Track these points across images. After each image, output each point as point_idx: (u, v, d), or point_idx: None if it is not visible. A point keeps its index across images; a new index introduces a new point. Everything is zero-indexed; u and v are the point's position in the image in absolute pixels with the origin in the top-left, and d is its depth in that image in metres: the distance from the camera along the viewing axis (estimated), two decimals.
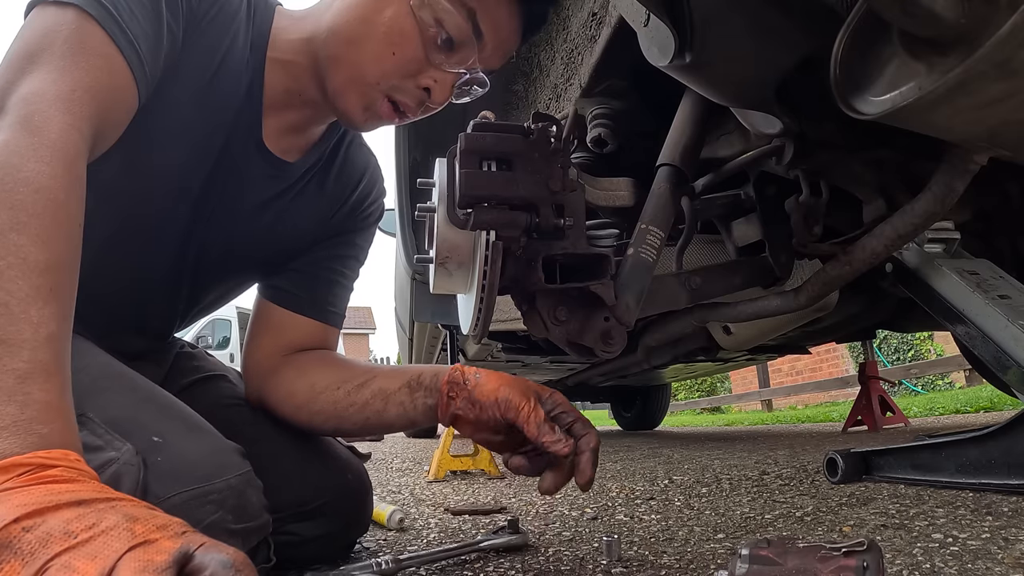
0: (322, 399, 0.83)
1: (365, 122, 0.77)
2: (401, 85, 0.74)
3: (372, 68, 0.73)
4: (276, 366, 0.88)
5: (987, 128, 0.45)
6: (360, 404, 0.81)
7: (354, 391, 0.82)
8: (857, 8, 0.45)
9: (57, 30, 0.57)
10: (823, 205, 0.80)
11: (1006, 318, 0.96)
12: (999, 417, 3.04)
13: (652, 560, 0.82)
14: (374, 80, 0.73)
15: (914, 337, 7.78)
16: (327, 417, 0.83)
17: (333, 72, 0.75)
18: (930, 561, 0.73)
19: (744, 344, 1.57)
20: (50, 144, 0.51)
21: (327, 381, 0.84)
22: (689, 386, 11.32)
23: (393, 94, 0.74)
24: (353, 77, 0.74)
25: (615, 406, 5.28)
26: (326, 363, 0.87)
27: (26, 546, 0.36)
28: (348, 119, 0.78)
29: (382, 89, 0.74)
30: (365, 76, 0.73)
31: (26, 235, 0.47)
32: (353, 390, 0.82)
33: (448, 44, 0.72)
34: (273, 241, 0.88)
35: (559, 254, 0.62)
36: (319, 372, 0.85)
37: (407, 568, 0.82)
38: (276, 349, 0.89)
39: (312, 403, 0.84)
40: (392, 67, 0.73)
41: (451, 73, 0.74)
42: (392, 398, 0.80)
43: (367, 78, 0.73)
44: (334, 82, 0.75)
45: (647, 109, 0.86)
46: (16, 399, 0.43)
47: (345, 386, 0.82)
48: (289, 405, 0.85)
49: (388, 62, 0.72)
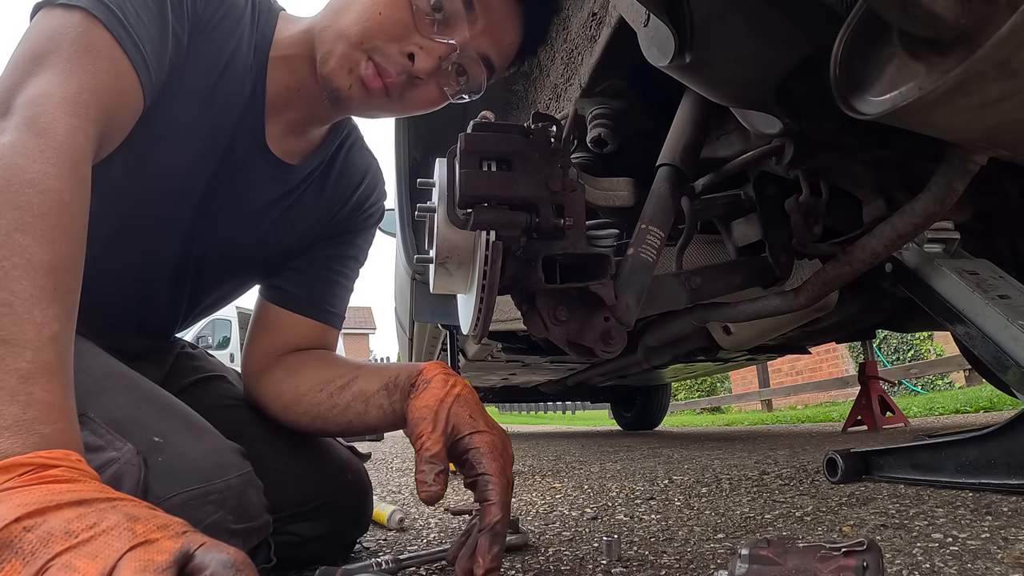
0: (306, 401, 0.82)
1: (350, 87, 0.74)
2: (384, 48, 0.72)
3: (356, 28, 0.71)
4: (270, 365, 0.88)
5: (987, 128, 0.45)
6: (342, 407, 0.80)
7: (336, 393, 0.81)
8: (857, 8, 0.45)
9: (63, 32, 0.57)
10: (823, 205, 0.80)
11: (1006, 318, 0.96)
12: (999, 417, 3.04)
13: (652, 560, 0.82)
14: (358, 39, 0.72)
15: (914, 337, 7.78)
16: (312, 419, 0.82)
17: (321, 42, 0.74)
18: (930, 561, 0.73)
19: (744, 344, 1.57)
20: (56, 146, 0.51)
21: (311, 383, 0.83)
22: (689, 386, 11.32)
23: (374, 55, 0.72)
24: (337, 38, 0.73)
25: (615, 406, 5.28)
26: (314, 362, 0.87)
27: (27, 545, 0.36)
28: (332, 83, 0.74)
29: (365, 49, 0.72)
30: (349, 36, 0.72)
31: (31, 236, 0.47)
32: (335, 392, 0.81)
33: (436, 9, 0.71)
34: (275, 242, 0.88)
35: (559, 254, 0.62)
36: (305, 372, 0.85)
37: (407, 568, 0.82)
38: (274, 349, 0.89)
39: (297, 405, 0.83)
40: (377, 26, 0.71)
41: (438, 43, 0.72)
42: (372, 400, 0.78)
43: (351, 37, 0.72)
44: (321, 50, 0.74)
45: (647, 109, 0.86)
46: (19, 399, 0.43)
47: (328, 387, 0.81)
48: (277, 406, 0.85)
49: (373, 21, 0.71)
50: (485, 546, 0.61)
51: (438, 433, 0.66)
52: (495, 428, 0.70)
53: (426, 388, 0.71)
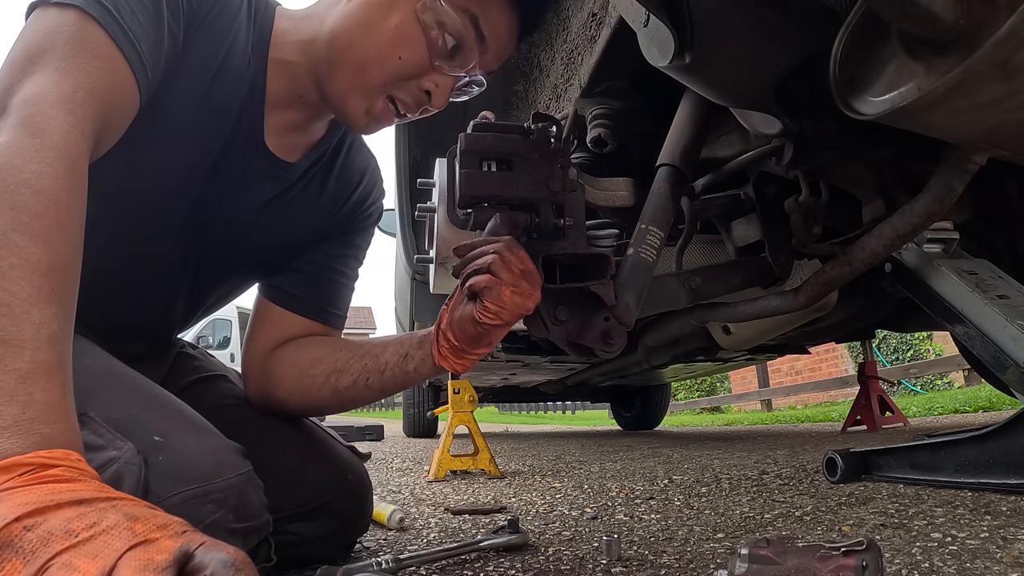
0: (324, 363, 0.84)
1: (367, 125, 0.78)
2: (403, 86, 0.75)
3: (376, 71, 0.73)
4: (275, 350, 0.88)
5: (986, 128, 0.45)
6: (360, 355, 0.82)
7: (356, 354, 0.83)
8: (856, 9, 0.45)
9: (59, 31, 0.57)
10: (822, 205, 0.80)
11: (1005, 318, 0.97)
12: (998, 417, 3.04)
13: (652, 559, 0.82)
14: (379, 83, 0.74)
15: (913, 337, 7.78)
16: (328, 375, 0.83)
17: (336, 77, 0.75)
18: (929, 560, 0.73)
19: (744, 344, 1.57)
20: (52, 145, 0.51)
21: (329, 348, 0.85)
22: (689, 386, 11.32)
23: (393, 93, 0.75)
24: (357, 81, 0.74)
25: (615, 406, 5.28)
26: (324, 341, 0.89)
27: (27, 545, 0.36)
28: (350, 122, 0.78)
29: (385, 91, 0.75)
30: (369, 79, 0.74)
31: (28, 236, 0.47)
32: (355, 347, 0.84)
33: (454, 49, 0.73)
34: (273, 241, 0.88)
35: (559, 254, 0.62)
36: (320, 345, 0.87)
37: (407, 567, 0.82)
38: (276, 340, 0.89)
39: (313, 368, 0.84)
40: (396, 70, 0.73)
41: (452, 77, 0.75)
42: (389, 347, 0.80)
43: (371, 80, 0.74)
44: (337, 86, 0.75)
45: (647, 109, 0.87)
46: (18, 399, 0.43)
47: (347, 350, 0.84)
48: (290, 378, 0.85)
49: (392, 65, 0.73)
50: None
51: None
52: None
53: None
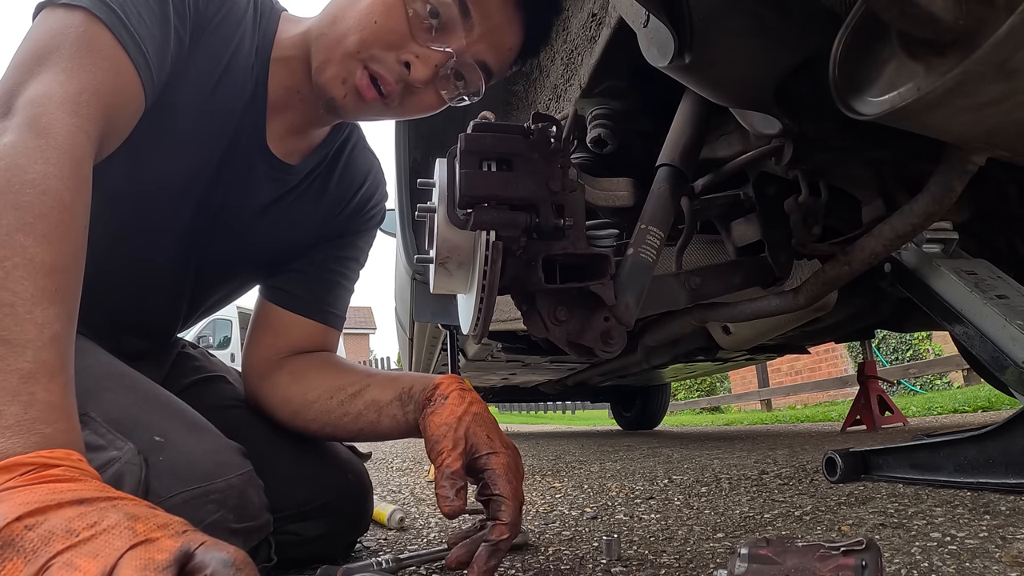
0: (315, 408, 0.83)
1: (344, 96, 0.74)
2: (380, 56, 0.71)
3: (352, 37, 0.71)
4: (273, 369, 0.88)
5: (985, 129, 0.45)
6: (354, 415, 0.81)
7: (347, 401, 0.81)
8: (856, 9, 0.45)
9: (65, 32, 0.57)
10: (822, 205, 0.80)
11: (1004, 318, 0.97)
12: (997, 416, 3.04)
13: (652, 559, 0.82)
14: (354, 48, 0.71)
15: (912, 337, 7.79)
16: (321, 425, 0.83)
17: (317, 50, 0.74)
18: (928, 560, 0.73)
19: (743, 344, 1.57)
20: (57, 146, 0.51)
21: (320, 389, 0.83)
22: (689, 386, 11.32)
23: (371, 64, 0.72)
24: (333, 47, 0.72)
25: (615, 406, 5.28)
26: (321, 368, 0.87)
27: (28, 544, 0.36)
28: (327, 93, 0.74)
29: (361, 58, 0.71)
30: (345, 45, 0.71)
31: (32, 236, 0.47)
32: (347, 400, 0.82)
33: (433, 16, 0.70)
34: (276, 243, 0.88)
35: (559, 254, 0.62)
36: (313, 379, 0.85)
37: (407, 567, 0.82)
38: (275, 351, 0.89)
39: (306, 411, 0.83)
40: (372, 35, 0.70)
41: (434, 51, 0.72)
42: (385, 411, 0.79)
43: (347, 47, 0.71)
44: (318, 59, 0.74)
45: (647, 109, 0.87)
46: (20, 399, 0.43)
47: (339, 395, 0.82)
48: (284, 411, 0.86)
49: (369, 31, 0.70)
50: (484, 556, 0.63)
51: (458, 452, 0.68)
52: (509, 447, 0.72)
53: (443, 404, 0.72)
